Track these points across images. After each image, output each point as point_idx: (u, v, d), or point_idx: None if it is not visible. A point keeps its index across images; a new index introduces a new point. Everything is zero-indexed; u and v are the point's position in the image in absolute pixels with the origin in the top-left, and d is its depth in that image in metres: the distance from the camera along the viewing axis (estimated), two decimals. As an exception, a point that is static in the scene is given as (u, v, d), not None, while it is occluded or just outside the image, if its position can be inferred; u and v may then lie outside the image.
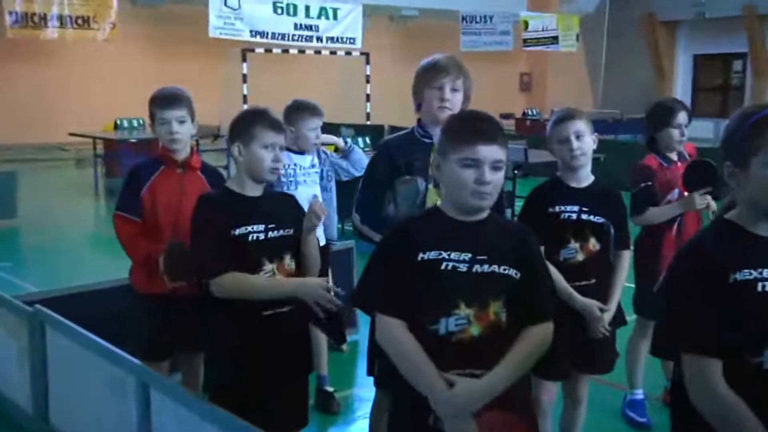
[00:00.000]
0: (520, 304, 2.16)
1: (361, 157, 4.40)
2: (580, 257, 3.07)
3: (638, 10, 19.76)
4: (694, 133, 4.32)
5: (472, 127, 2.15)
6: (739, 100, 19.00)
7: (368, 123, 14.88)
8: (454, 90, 2.94)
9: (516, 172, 8.81)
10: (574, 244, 3.06)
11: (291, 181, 4.00)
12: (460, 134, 2.14)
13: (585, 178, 3.13)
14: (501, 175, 2.15)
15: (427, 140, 2.98)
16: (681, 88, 20.47)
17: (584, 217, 3.06)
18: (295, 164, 4.07)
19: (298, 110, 4.09)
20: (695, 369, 1.86)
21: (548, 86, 20.97)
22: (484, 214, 2.20)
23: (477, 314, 2.09)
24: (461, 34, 17.10)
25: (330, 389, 4.22)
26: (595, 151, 3.15)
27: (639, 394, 4.11)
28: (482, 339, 2.10)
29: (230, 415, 2.45)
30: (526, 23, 17.76)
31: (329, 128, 5.16)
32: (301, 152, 4.13)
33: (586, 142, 3.05)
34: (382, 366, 2.81)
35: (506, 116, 18.67)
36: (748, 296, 1.83)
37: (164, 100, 3.24)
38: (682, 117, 3.93)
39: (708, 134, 15.84)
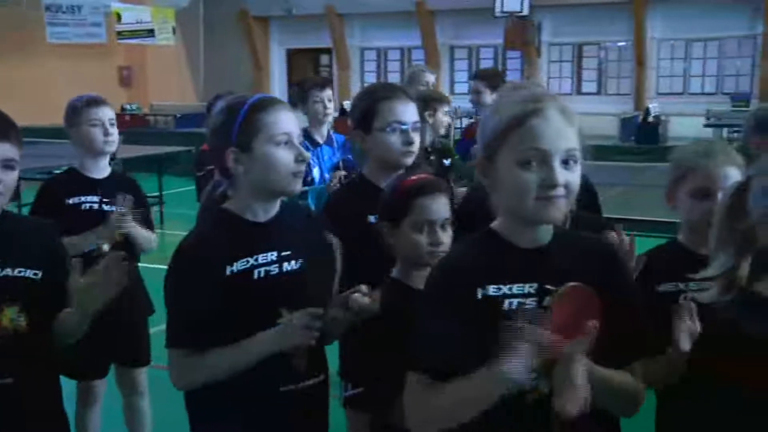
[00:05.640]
0: (44, 305, 2.07)
1: None
2: (107, 247, 3.12)
3: (232, 5, 20.31)
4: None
5: None
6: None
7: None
8: None
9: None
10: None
11: None
12: None
13: (105, 168, 3.20)
14: (15, 174, 2.00)
15: None
16: (278, 81, 21.52)
17: (105, 207, 3.12)
18: None
19: None
20: None
21: (149, 80, 20.53)
22: None
23: None
24: (46, 24, 15.95)
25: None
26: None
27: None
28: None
29: None
30: (119, 15, 17.19)
31: None
32: None
33: (114, 130, 3.13)
34: None
35: (105, 111, 17.86)
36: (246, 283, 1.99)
37: None
38: None
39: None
